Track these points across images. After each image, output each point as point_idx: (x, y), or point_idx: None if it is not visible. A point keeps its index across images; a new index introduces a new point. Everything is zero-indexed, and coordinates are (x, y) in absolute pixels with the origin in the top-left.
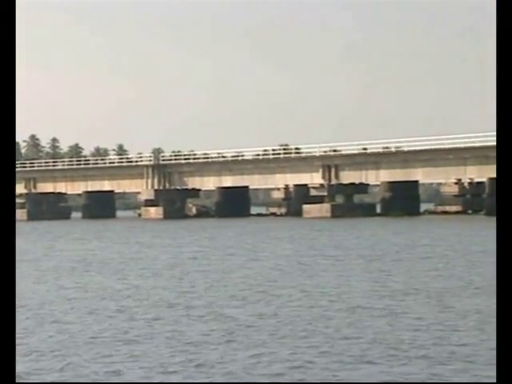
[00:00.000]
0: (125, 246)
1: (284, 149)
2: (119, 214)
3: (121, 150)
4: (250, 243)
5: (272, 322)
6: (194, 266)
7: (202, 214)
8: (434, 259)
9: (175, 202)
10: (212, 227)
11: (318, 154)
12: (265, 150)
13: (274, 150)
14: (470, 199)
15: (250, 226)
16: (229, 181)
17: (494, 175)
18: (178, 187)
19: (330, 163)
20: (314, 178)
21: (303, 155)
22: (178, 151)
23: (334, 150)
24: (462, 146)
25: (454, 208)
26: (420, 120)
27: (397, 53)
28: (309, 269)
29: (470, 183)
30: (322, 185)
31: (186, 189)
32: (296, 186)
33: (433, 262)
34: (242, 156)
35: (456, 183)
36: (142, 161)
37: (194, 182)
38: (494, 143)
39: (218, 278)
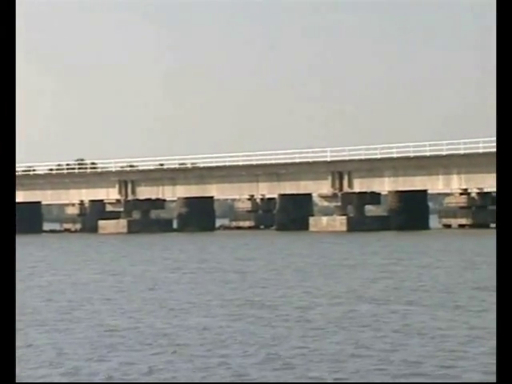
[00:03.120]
0: None
1: (79, 164)
2: None
3: None
4: (60, 259)
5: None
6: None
7: None
8: (272, 272)
9: None
10: None
11: (114, 170)
12: (59, 165)
13: (68, 164)
14: (261, 215)
15: (48, 243)
16: (20, 196)
17: (285, 192)
18: None
19: (127, 179)
20: (110, 194)
21: (99, 170)
22: None
23: (131, 166)
24: (255, 163)
25: (247, 223)
26: (215, 137)
27: (198, 73)
28: (149, 282)
29: (261, 199)
30: (118, 200)
31: None
32: (91, 201)
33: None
34: (34, 171)
35: (249, 199)
36: None
37: None
38: (285, 161)
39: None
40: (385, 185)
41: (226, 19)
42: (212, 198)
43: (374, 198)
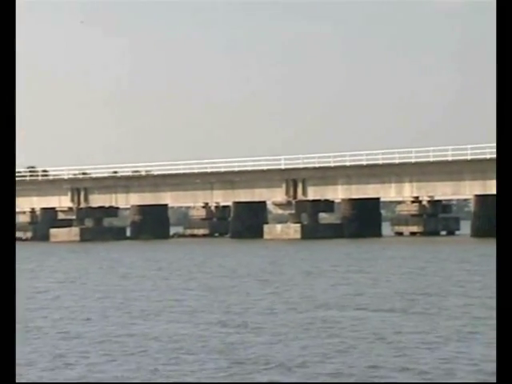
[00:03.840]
0: None
1: (30, 171)
2: None
3: None
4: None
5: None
6: None
7: None
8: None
9: None
10: None
11: (66, 177)
12: None
13: (19, 172)
14: (216, 222)
15: None
16: None
17: (239, 199)
18: None
19: (79, 186)
20: (63, 202)
21: (51, 178)
22: None
23: (83, 173)
24: (209, 170)
25: (201, 231)
26: (169, 144)
27: (153, 81)
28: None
29: (216, 207)
30: (70, 208)
31: None
32: (43, 209)
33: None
34: None
35: (203, 207)
36: None
37: None
38: (239, 169)
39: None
40: (338, 192)
41: (184, 26)
42: (166, 205)
43: (328, 205)
